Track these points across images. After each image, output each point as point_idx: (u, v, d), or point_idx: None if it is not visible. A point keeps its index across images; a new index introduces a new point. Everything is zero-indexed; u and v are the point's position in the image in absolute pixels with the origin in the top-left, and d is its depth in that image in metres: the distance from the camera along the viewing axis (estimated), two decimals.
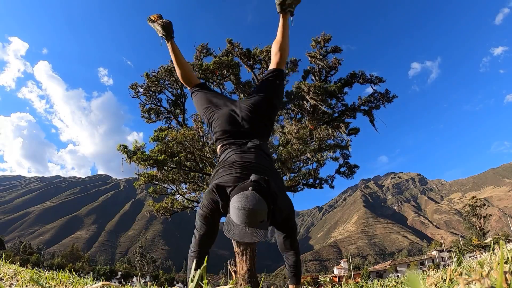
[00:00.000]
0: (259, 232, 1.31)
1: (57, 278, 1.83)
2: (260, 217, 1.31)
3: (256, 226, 1.31)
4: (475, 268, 1.11)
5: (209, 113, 1.96)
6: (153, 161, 11.41)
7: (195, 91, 2.12)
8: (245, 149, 1.74)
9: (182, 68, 2.15)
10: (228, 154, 1.75)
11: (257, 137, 1.83)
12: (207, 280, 0.87)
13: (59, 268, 42.61)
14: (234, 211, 1.34)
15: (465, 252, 49.32)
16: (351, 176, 13.83)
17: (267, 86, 2.04)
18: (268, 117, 1.98)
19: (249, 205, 1.29)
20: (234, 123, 1.85)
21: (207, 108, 1.98)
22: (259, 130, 1.88)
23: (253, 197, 1.31)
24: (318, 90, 11.31)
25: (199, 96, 2.07)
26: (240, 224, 1.32)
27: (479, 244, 46.98)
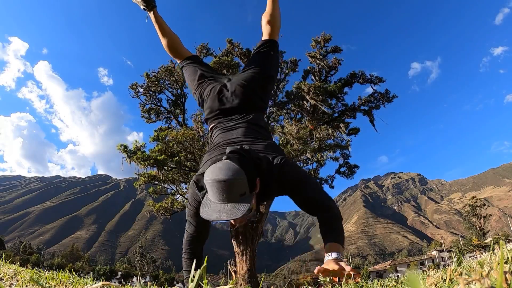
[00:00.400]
0: (240, 207, 1.09)
1: (57, 278, 1.83)
2: (239, 189, 1.11)
3: (237, 201, 1.10)
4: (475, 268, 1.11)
5: (199, 90, 1.82)
6: (153, 161, 11.41)
7: (185, 65, 1.96)
8: (231, 126, 1.59)
9: (168, 37, 1.97)
10: (214, 137, 1.63)
11: (250, 111, 1.66)
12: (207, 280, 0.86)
13: (59, 268, 42.58)
14: (208, 187, 1.14)
15: (465, 252, 49.31)
16: (351, 176, 13.84)
17: (261, 58, 1.87)
18: (263, 89, 1.80)
19: (223, 175, 1.09)
20: (223, 99, 1.69)
21: (198, 84, 1.84)
22: (252, 104, 1.71)
23: (227, 166, 1.11)
24: (318, 90, 11.31)
25: (189, 70, 1.92)
26: (217, 201, 1.11)
27: (479, 244, 46.99)
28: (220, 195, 1.10)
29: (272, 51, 1.90)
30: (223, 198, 1.10)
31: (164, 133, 12.44)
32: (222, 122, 1.65)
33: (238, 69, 12.84)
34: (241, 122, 1.61)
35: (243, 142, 1.46)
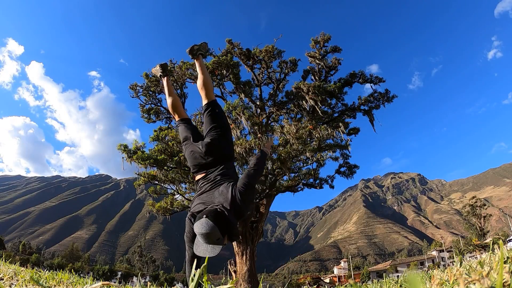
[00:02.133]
0: (216, 247, 1.76)
1: (57, 278, 1.83)
2: (215, 236, 1.74)
3: (214, 243, 1.75)
4: (475, 268, 1.11)
5: (184, 147, 2.56)
6: (153, 161, 11.40)
7: (179, 124, 2.70)
8: (210, 179, 2.27)
9: (173, 98, 2.74)
10: (200, 186, 2.31)
11: (221, 163, 2.35)
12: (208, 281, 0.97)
13: (59, 268, 42.62)
14: (197, 235, 1.80)
15: (465, 252, 49.31)
16: (351, 176, 13.83)
17: (211, 119, 2.53)
18: (226, 140, 2.50)
19: (204, 230, 1.74)
20: (200, 158, 2.38)
21: (184, 144, 2.59)
22: (221, 157, 2.39)
23: (206, 224, 1.75)
24: (317, 90, 11.30)
25: (181, 128, 2.67)
26: (203, 243, 1.78)
27: (479, 244, 46.97)
28: (203, 240, 1.76)
29: (216, 109, 2.58)
30: (205, 241, 1.76)
31: (164, 133, 12.43)
32: (203, 176, 2.34)
33: (238, 68, 12.83)
34: (215, 172, 2.30)
35: (214, 188, 2.18)
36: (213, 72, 12.42)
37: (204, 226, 1.74)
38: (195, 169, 2.40)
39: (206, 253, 1.73)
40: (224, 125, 2.54)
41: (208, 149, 2.36)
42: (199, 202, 2.16)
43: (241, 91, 13.14)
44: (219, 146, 2.41)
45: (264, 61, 13.05)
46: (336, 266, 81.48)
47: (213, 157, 2.35)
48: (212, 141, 2.40)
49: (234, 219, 1.91)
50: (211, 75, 12.68)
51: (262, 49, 12.84)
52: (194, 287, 1.00)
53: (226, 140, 2.50)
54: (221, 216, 1.83)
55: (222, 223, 1.79)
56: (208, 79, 2.68)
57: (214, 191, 2.16)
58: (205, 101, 2.62)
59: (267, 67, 13.23)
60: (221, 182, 2.22)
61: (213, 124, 2.49)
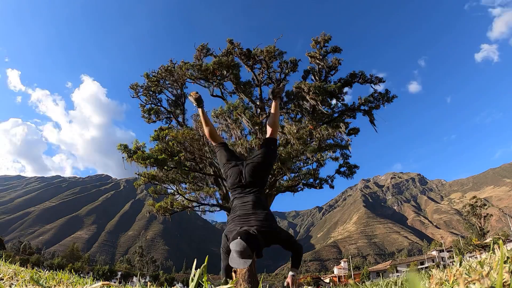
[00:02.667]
0: (247, 261, 2.13)
1: (57, 278, 1.83)
2: (247, 254, 2.12)
3: (245, 258, 2.13)
4: (475, 268, 1.12)
5: (226, 168, 2.88)
6: (153, 160, 11.40)
7: (218, 149, 3.03)
8: (245, 200, 2.59)
9: (210, 127, 3.11)
10: (235, 205, 2.63)
11: (256, 187, 2.68)
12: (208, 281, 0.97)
13: (59, 268, 42.62)
14: (232, 251, 2.16)
15: (465, 252, 49.31)
16: (351, 176, 13.82)
17: (265, 150, 2.90)
18: (265, 173, 2.84)
19: (238, 248, 2.11)
20: (239, 178, 2.72)
21: (224, 165, 2.90)
22: (258, 183, 2.72)
23: (240, 243, 2.11)
24: (318, 90, 11.30)
25: (220, 152, 2.99)
26: (235, 257, 2.14)
27: (479, 244, 46.96)
28: (237, 255, 2.12)
29: (272, 145, 2.97)
30: (239, 256, 2.12)
31: (164, 133, 12.43)
32: (239, 194, 2.68)
33: (238, 69, 12.84)
34: (250, 195, 2.62)
35: (251, 215, 2.47)
36: (214, 72, 12.43)
37: (238, 245, 2.13)
38: (234, 187, 2.75)
39: (239, 266, 2.15)
40: (270, 162, 2.92)
41: (248, 173, 2.72)
42: (235, 223, 2.48)
43: (241, 91, 13.14)
44: (258, 174, 2.75)
45: (264, 61, 13.06)
46: (336, 266, 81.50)
47: (250, 180, 2.70)
48: (254, 167, 2.77)
49: (262, 242, 2.31)
50: (212, 76, 12.69)
51: (263, 49, 12.85)
52: (194, 287, 1.01)
53: (266, 172, 2.86)
54: (252, 238, 2.20)
55: (252, 244, 2.18)
56: (278, 119, 3.11)
57: (250, 216, 2.47)
58: (269, 136, 3.03)
59: (267, 67, 13.23)
60: (257, 208, 2.54)
61: (263, 156, 2.86)
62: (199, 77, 12.85)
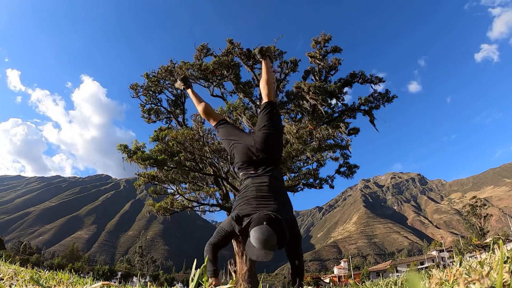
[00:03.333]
0: (270, 254, 1.80)
1: (57, 278, 1.83)
2: (272, 243, 1.79)
3: (269, 249, 1.80)
4: (475, 268, 1.11)
5: (231, 146, 2.44)
6: (153, 161, 11.40)
7: (218, 127, 2.60)
8: (260, 180, 2.17)
9: (203, 105, 2.68)
10: (247, 185, 2.21)
11: (271, 164, 2.28)
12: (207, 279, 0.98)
13: (59, 268, 42.60)
14: (253, 239, 1.81)
15: (465, 252, 49.31)
16: (351, 176, 13.82)
17: (268, 118, 2.46)
18: (278, 144, 2.42)
19: (264, 236, 1.77)
20: (250, 154, 2.30)
21: (229, 141, 2.46)
22: (273, 157, 2.32)
23: (267, 230, 1.78)
24: (318, 90, 11.31)
25: (222, 130, 2.55)
26: (257, 247, 1.81)
27: (479, 244, 46.96)
28: (260, 246, 1.79)
29: (274, 109, 2.50)
30: (261, 247, 1.79)
31: (164, 133, 12.43)
32: (251, 174, 2.26)
33: (238, 69, 12.83)
34: (266, 175, 2.21)
35: (270, 197, 2.08)
36: (214, 72, 12.43)
37: (265, 233, 1.78)
38: (244, 166, 2.32)
39: (259, 258, 1.80)
40: (279, 127, 2.49)
41: (261, 145, 2.29)
42: (252, 205, 2.06)
43: (241, 91, 13.14)
44: (271, 145, 2.34)
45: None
46: (336, 266, 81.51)
47: (264, 155, 2.27)
48: (265, 138, 2.34)
49: (288, 233, 1.94)
50: (212, 76, 12.69)
51: None
52: (194, 287, 1.00)
53: (278, 142, 2.44)
54: (280, 225, 1.86)
55: (280, 232, 1.83)
56: (271, 79, 2.63)
57: (269, 200, 2.07)
58: (265, 99, 2.56)
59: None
60: (276, 191, 2.16)
61: (268, 123, 2.42)
62: (199, 77, 12.85)
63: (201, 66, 12.41)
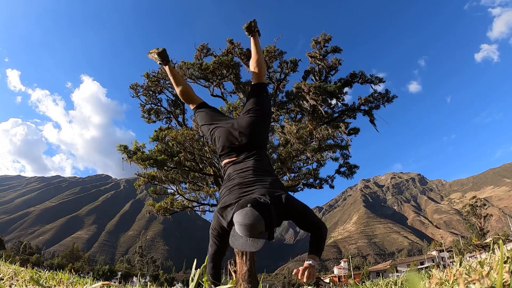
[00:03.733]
0: (259, 242, 1.53)
1: (57, 278, 1.83)
2: (259, 230, 1.51)
3: (256, 237, 1.52)
4: (475, 268, 1.11)
5: (211, 131, 2.20)
6: (153, 161, 11.40)
7: (197, 111, 2.33)
8: (242, 164, 1.97)
9: (182, 85, 2.39)
10: (229, 174, 1.99)
11: (254, 147, 2.06)
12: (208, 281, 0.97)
13: (59, 268, 42.62)
14: (236, 226, 1.55)
15: (465, 252, 49.32)
16: (351, 176, 13.82)
17: (258, 100, 2.26)
18: (263, 129, 2.22)
19: (248, 220, 1.49)
20: (232, 139, 2.07)
21: (209, 126, 2.22)
22: (257, 142, 2.10)
23: (251, 214, 1.51)
24: (318, 90, 11.31)
25: (201, 115, 2.30)
26: (242, 236, 1.53)
27: (479, 244, 46.95)
28: (245, 233, 1.51)
29: (264, 92, 2.32)
30: (246, 234, 1.51)
31: (164, 133, 12.43)
32: (233, 160, 2.04)
33: (238, 69, 12.83)
34: (249, 159, 1.99)
35: (254, 182, 1.84)
36: (214, 72, 12.42)
37: (249, 216, 1.49)
38: (225, 151, 2.08)
39: (245, 247, 1.50)
40: (267, 111, 2.29)
41: (244, 129, 2.08)
42: (234, 194, 1.82)
43: (241, 91, 13.14)
44: (256, 130, 2.12)
45: (264, 62, 13.04)
46: (336, 266, 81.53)
47: (247, 139, 2.05)
48: (250, 122, 2.12)
49: (275, 216, 1.64)
50: (212, 75, 12.69)
51: (263, 49, 12.85)
52: (194, 287, 0.98)
53: (265, 127, 2.23)
54: (267, 208, 1.57)
55: (267, 216, 1.54)
56: (263, 59, 2.42)
57: (254, 184, 1.83)
58: (255, 81, 2.36)
59: (267, 67, 13.23)
60: (261, 174, 1.92)
61: (256, 106, 2.21)
62: (199, 77, 12.85)
63: (201, 66, 12.41)
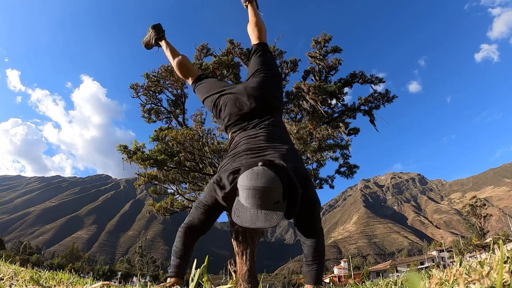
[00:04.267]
0: (274, 215, 1.09)
1: (57, 278, 1.83)
2: (274, 197, 1.10)
3: (271, 208, 1.10)
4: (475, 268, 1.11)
5: (214, 101, 1.80)
6: (153, 161, 11.40)
7: (197, 85, 2.01)
8: (253, 131, 1.58)
9: (179, 58, 2.12)
10: (236, 141, 1.61)
11: (268, 113, 1.68)
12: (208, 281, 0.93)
13: (59, 268, 42.61)
14: (243, 192, 1.13)
15: (465, 252, 49.33)
16: (351, 176, 13.82)
17: (264, 59, 1.93)
18: (278, 87, 1.89)
19: (260, 183, 1.08)
20: (241, 104, 1.69)
21: (212, 96, 1.82)
22: (269, 105, 1.72)
23: (265, 173, 1.10)
24: (318, 90, 11.31)
25: (201, 87, 1.96)
26: (251, 207, 1.11)
27: (479, 244, 46.95)
28: (255, 202, 1.09)
29: (268, 52, 2.01)
30: (257, 205, 1.09)
31: (164, 133, 12.43)
32: (242, 128, 1.65)
33: (238, 68, 12.83)
34: (261, 126, 1.61)
35: (267, 148, 1.45)
36: (214, 72, 12.42)
37: (262, 177, 1.09)
38: (232, 120, 1.69)
39: (256, 222, 1.08)
40: (276, 71, 1.98)
41: (255, 91, 1.71)
42: (240, 159, 1.42)
43: None
44: (268, 90, 1.76)
45: None
46: (336, 266, 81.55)
47: (258, 102, 1.67)
48: (260, 82, 1.77)
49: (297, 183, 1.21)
50: (212, 75, 12.69)
51: None
52: (194, 287, 0.93)
53: (277, 87, 1.87)
54: (284, 170, 1.17)
55: (285, 179, 1.15)
56: (262, 21, 2.13)
57: (266, 149, 1.43)
58: (256, 41, 2.02)
59: None
60: (275, 141, 1.52)
61: (263, 66, 1.87)
62: None
63: (201, 66, 12.41)
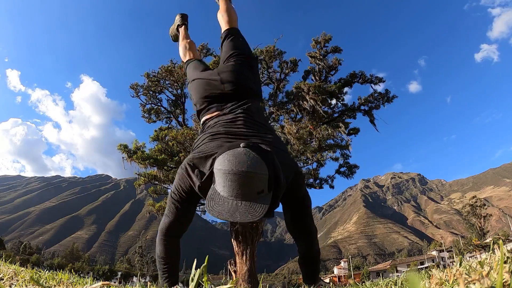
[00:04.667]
0: (257, 208, 0.89)
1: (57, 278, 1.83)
2: (258, 185, 0.91)
3: (253, 199, 0.90)
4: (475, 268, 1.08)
5: (191, 88, 1.74)
6: (153, 161, 11.41)
7: (190, 61, 1.97)
8: (233, 116, 1.42)
9: (190, 40, 2.19)
10: (210, 124, 1.45)
11: (245, 97, 1.55)
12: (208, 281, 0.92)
13: (59, 268, 42.60)
14: (220, 178, 0.93)
15: (465, 252, 49.32)
16: (351, 176, 13.82)
17: (233, 45, 1.83)
18: (252, 69, 1.78)
19: (242, 166, 0.89)
20: (212, 88, 1.57)
21: (191, 83, 1.75)
22: (245, 89, 1.60)
23: (248, 156, 0.92)
24: (318, 90, 11.32)
25: (191, 65, 1.91)
26: (229, 196, 0.92)
27: (479, 244, 46.96)
28: (234, 190, 0.90)
29: (240, 36, 1.93)
30: (237, 193, 0.90)
31: (164, 133, 12.44)
32: (217, 113, 1.50)
33: None
34: (239, 110, 1.45)
35: (251, 136, 1.29)
36: None
37: (244, 159, 0.91)
38: (204, 105, 1.56)
39: (233, 215, 0.89)
40: (250, 54, 1.88)
41: (228, 75, 1.60)
42: (215, 142, 1.26)
43: None
44: (242, 73, 1.66)
45: (264, 61, 13.07)
46: (336, 266, 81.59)
47: (233, 86, 1.55)
48: (234, 65, 1.68)
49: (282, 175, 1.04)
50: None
51: (263, 49, 12.86)
52: (194, 287, 0.91)
53: (251, 70, 1.76)
54: (270, 155, 1.01)
55: (272, 165, 0.96)
56: (232, 8, 2.07)
57: (248, 137, 1.29)
58: (226, 27, 1.94)
59: (267, 67, 13.24)
60: (256, 127, 1.39)
61: (235, 50, 1.78)
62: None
63: None
